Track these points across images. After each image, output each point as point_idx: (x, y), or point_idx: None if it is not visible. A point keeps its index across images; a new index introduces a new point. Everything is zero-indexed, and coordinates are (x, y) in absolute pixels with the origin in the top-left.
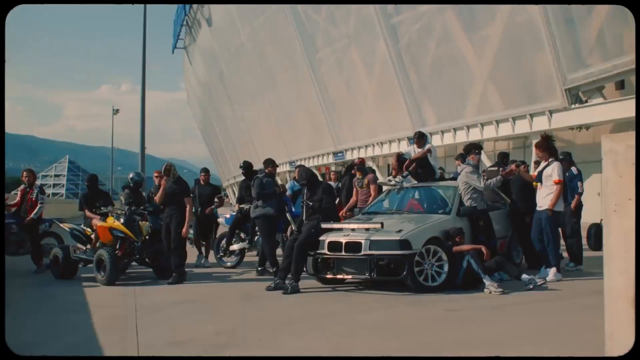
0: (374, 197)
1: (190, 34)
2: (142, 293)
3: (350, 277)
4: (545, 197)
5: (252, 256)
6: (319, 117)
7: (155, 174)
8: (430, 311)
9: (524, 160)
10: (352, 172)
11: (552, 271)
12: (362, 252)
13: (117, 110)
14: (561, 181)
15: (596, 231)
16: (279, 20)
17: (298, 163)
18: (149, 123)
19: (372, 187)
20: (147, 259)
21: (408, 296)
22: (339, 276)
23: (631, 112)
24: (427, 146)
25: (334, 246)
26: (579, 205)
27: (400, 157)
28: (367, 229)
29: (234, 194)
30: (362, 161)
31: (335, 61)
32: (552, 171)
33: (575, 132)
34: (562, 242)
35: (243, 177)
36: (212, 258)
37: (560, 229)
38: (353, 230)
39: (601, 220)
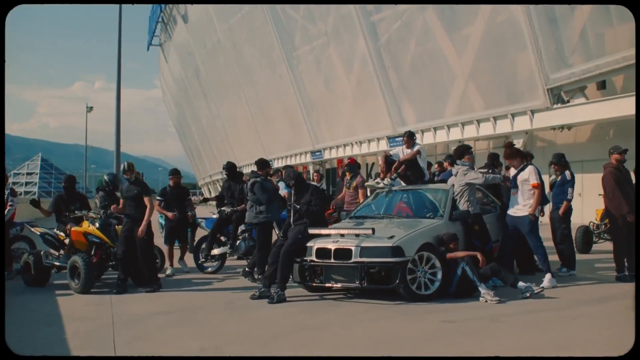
0: (362, 201)
1: (166, 30)
2: (118, 302)
3: (339, 285)
4: (524, 203)
5: (232, 260)
6: (297, 115)
7: None
8: (427, 323)
9: None
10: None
11: (547, 277)
12: (353, 260)
13: (91, 108)
14: (539, 184)
15: (584, 234)
16: (256, 18)
17: (281, 164)
18: (124, 121)
19: (360, 191)
20: None
21: (400, 305)
22: (327, 284)
23: (613, 113)
24: (417, 147)
25: (323, 253)
26: (569, 211)
27: (388, 159)
28: (357, 235)
29: (210, 192)
30: (352, 161)
31: (314, 59)
32: (529, 175)
33: (557, 132)
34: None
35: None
36: (189, 261)
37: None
38: (342, 236)
39: (590, 222)
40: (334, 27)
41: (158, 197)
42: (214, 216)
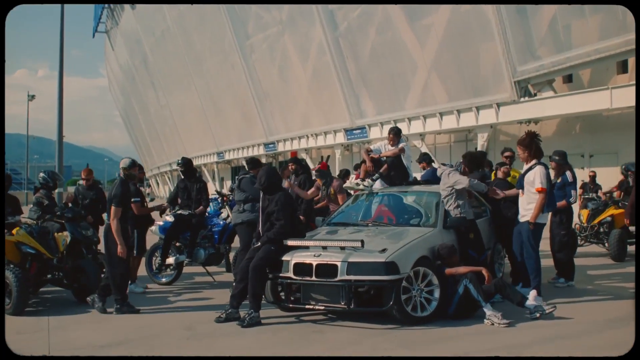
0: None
1: (113, 17)
2: (58, 327)
3: (321, 307)
4: (527, 207)
5: (189, 268)
6: (250, 106)
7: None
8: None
9: (504, 162)
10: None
11: (532, 295)
12: (338, 278)
13: (33, 97)
14: (544, 189)
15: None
16: (207, 4)
17: (232, 156)
18: (68, 110)
19: (339, 196)
20: (64, 279)
21: (395, 331)
22: (306, 305)
23: (582, 107)
24: (401, 144)
25: (302, 269)
26: (570, 217)
27: (369, 153)
28: (342, 248)
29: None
30: (324, 167)
31: (268, 48)
32: (535, 177)
33: (522, 126)
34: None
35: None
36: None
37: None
38: (325, 248)
39: (575, 224)
40: (289, 14)
41: (135, 199)
42: (169, 219)
